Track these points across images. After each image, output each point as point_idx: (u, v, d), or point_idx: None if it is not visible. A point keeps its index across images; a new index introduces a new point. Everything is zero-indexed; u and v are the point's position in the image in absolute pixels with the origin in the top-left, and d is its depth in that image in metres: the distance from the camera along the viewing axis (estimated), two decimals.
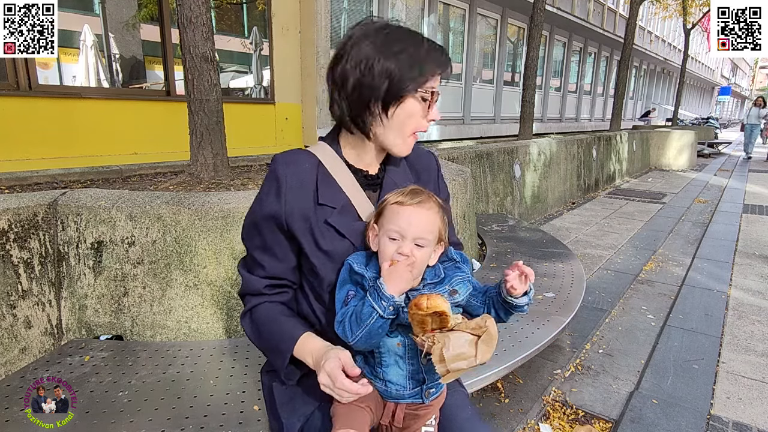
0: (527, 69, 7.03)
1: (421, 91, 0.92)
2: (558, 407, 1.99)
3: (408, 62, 0.90)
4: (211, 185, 2.50)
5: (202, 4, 2.53)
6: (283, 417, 0.99)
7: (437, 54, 0.93)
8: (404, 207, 0.90)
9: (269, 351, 0.99)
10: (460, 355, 0.78)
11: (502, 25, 11.48)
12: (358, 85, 0.91)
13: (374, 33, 0.92)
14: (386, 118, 0.93)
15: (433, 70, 0.92)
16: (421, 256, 0.90)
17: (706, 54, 30.55)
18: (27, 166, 3.76)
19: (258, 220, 0.97)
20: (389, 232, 0.90)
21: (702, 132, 13.89)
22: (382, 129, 0.95)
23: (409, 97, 0.92)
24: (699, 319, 2.82)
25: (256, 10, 6.31)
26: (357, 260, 0.94)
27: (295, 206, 0.94)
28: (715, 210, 6.04)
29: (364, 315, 0.85)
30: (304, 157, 0.98)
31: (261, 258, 0.99)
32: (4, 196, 1.70)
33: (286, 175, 0.94)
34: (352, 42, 0.92)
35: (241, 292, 1.06)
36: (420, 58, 0.91)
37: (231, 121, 3.05)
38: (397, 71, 0.90)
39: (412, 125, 0.96)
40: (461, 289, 0.94)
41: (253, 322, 1.01)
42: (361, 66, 0.90)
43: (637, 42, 16.39)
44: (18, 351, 1.62)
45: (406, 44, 0.91)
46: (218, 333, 1.84)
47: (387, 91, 0.91)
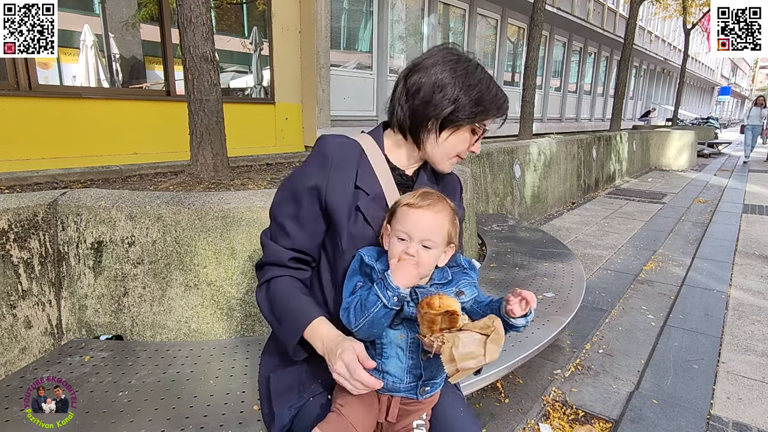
0: (527, 69, 7.02)
1: (476, 125, 1.03)
2: (558, 407, 1.99)
3: (476, 99, 0.99)
4: (211, 185, 2.50)
5: (202, 4, 2.53)
6: (276, 407, 1.01)
7: (501, 101, 1.03)
8: (413, 209, 0.93)
9: (280, 325, 1.00)
10: (469, 354, 0.80)
11: (502, 25, 11.48)
12: (427, 100, 0.99)
13: (456, 62, 1.00)
14: (438, 137, 1.02)
15: (494, 113, 1.03)
16: (427, 257, 0.92)
17: (706, 54, 30.54)
18: (27, 166, 3.76)
19: (298, 188, 1.00)
20: (398, 233, 0.93)
21: (702, 132, 13.87)
22: (432, 145, 1.04)
23: (464, 127, 1.02)
24: (699, 319, 2.82)
25: (256, 10, 6.31)
26: (368, 253, 0.97)
27: (337, 183, 0.99)
28: (715, 210, 6.04)
29: (369, 303, 0.88)
30: (351, 141, 1.04)
31: (291, 227, 1.01)
32: (4, 196, 1.70)
33: (333, 153, 1.00)
34: (433, 61, 1.00)
35: (261, 262, 1.05)
36: (487, 99, 1.00)
37: (231, 121, 3.05)
38: (464, 102, 0.98)
39: (457, 150, 1.05)
40: (468, 292, 0.96)
41: (269, 294, 1.02)
42: (436, 85, 0.98)
43: (637, 42, 16.39)
44: (18, 351, 1.62)
45: (480, 83, 1.00)
46: (218, 333, 1.84)
47: (448, 115, 0.99)
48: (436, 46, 1.05)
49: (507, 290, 2.36)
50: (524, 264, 2.72)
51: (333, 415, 0.92)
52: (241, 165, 4.22)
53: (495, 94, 1.01)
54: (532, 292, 0.89)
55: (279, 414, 1.00)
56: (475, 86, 0.99)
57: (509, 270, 2.63)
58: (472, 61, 1.02)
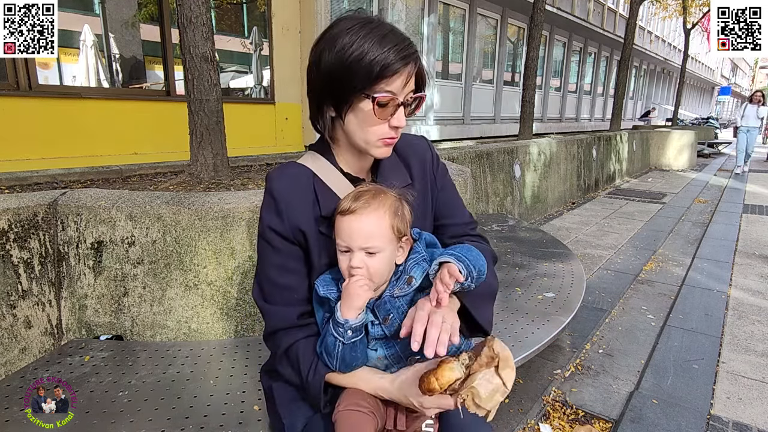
0: (527, 69, 7.03)
1: (375, 95, 0.82)
2: (558, 407, 1.99)
3: (351, 61, 0.79)
4: (211, 185, 2.50)
5: (202, 4, 2.53)
6: (285, 417, 0.98)
7: (391, 50, 0.79)
8: (345, 216, 0.85)
9: (309, 390, 0.92)
10: (491, 393, 0.77)
11: (502, 25, 11.48)
12: (311, 86, 0.87)
13: (331, 27, 0.83)
14: (342, 123, 0.87)
15: (381, 71, 0.79)
16: (376, 264, 0.85)
17: (706, 54, 30.54)
18: (27, 166, 3.76)
19: (268, 236, 0.91)
20: (339, 246, 0.86)
21: (702, 132, 13.84)
22: (343, 135, 0.90)
23: (357, 101, 0.83)
24: (699, 319, 2.82)
25: (256, 10, 6.32)
26: (324, 281, 0.90)
27: (297, 222, 0.89)
28: (715, 210, 6.04)
29: (329, 345, 0.85)
30: (298, 171, 0.93)
31: (283, 279, 0.91)
32: (4, 196, 1.70)
33: (281, 193, 0.90)
34: (321, 39, 0.85)
35: (269, 331, 0.94)
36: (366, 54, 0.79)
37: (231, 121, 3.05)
38: (339, 71, 0.80)
39: (371, 133, 0.86)
40: (416, 274, 0.89)
41: (292, 361, 0.92)
42: (314, 65, 0.84)
43: (637, 42, 16.39)
44: (18, 351, 1.62)
45: (357, 38, 0.79)
46: (218, 333, 1.84)
47: (332, 94, 0.84)
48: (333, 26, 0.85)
49: (507, 290, 2.36)
50: (524, 264, 2.72)
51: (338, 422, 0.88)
52: (241, 165, 4.22)
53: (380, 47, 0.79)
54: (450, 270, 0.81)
55: (289, 423, 0.97)
56: (349, 47, 0.79)
57: (509, 270, 2.63)
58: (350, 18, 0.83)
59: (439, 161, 1.09)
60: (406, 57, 0.82)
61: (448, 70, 10.03)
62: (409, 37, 0.84)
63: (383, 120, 0.85)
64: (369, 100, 0.82)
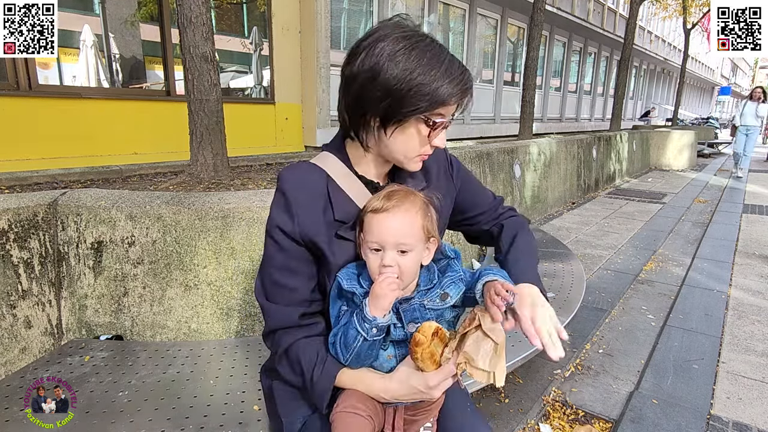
0: (527, 69, 7.03)
1: (433, 120, 0.83)
2: (558, 407, 1.99)
3: (416, 85, 0.79)
4: (211, 185, 2.50)
5: (202, 4, 2.53)
6: (284, 416, 0.99)
7: (455, 81, 0.81)
8: (378, 214, 0.84)
9: (314, 390, 0.90)
10: (486, 353, 0.79)
11: (502, 25, 11.48)
12: (359, 94, 0.83)
13: (394, 39, 0.80)
14: (382, 137, 0.86)
15: (444, 101, 0.81)
16: (407, 263, 0.85)
17: (706, 54, 30.54)
18: (27, 166, 3.76)
19: (276, 236, 0.90)
20: (369, 244, 0.85)
21: (702, 132, 13.84)
22: (380, 146, 0.88)
23: (411, 121, 0.83)
24: (699, 319, 2.82)
25: (256, 10, 6.32)
26: (347, 275, 0.90)
27: (309, 223, 0.88)
28: (715, 210, 6.04)
29: (349, 338, 0.84)
30: (311, 171, 0.91)
31: (287, 280, 0.90)
32: (4, 196, 1.70)
33: (294, 193, 0.89)
34: (370, 40, 0.82)
35: (268, 329, 0.93)
36: (431, 84, 0.79)
37: (231, 121, 3.05)
38: (402, 92, 0.79)
39: (411, 149, 0.87)
40: (452, 292, 0.90)
41: (290, 360, 0.92)
42: (369, 73, 0.80)
43: (637, 42, 16.40)
44: (18, 351, 1.62)
45: (422, 62, 0.79)
46: (218, 333, 1.84)
47: (387, 110, 0.82)
48: (382, 22, 0.84)
49: None
50: None
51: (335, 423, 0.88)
52: (241, 165, 4.23)
53: (444, 72, 0.80)
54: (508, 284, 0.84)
55: (287, 422, 0.98)
56: (416, 69, 0.78)
57: None
58: (414, 34, 0.81)
59: (454, 163, 1.09)
60: (468, 89, 0.85)
61: None
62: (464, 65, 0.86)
63: (429, 140, 0.88)
64: (424, 124, 0.84)
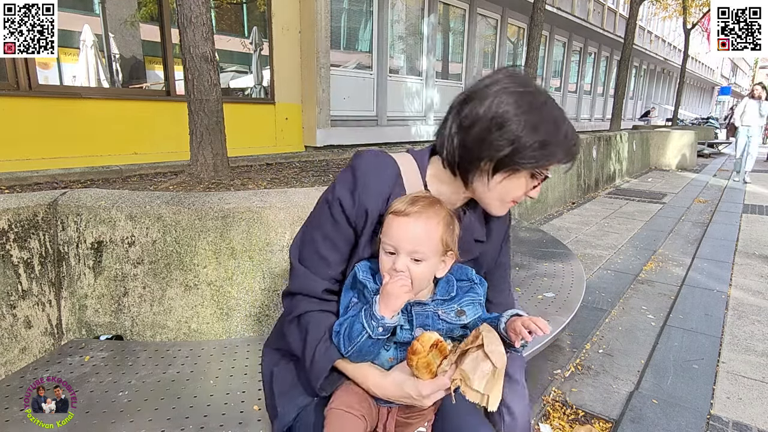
0: (527, 69, 7.02)
1: (544, 174, 0.89)
2: (558, 407, 1.99)
3: (541, 141, 0.83)
4: (211, 185, 2.50)
5: (202, 4, 2.53)
6: (280, 405, 1.00)
7: (571, 143, 0.87)
8: (399, 217, 0.85)
9: (312, 358, 0.91)
10: (482, 374, 0.78)
11: (502, 25, 11.48)
12: (481, 137, 0.84)
13: (521, 93, 0.85)
14: (490, 180, 0.88)
15: (560, 158, 0.87)
16: (419, 272, 0.85)
17: (706, 54, 30.54)
18: (27, 166, 3.76)
19: (333, 208, 0.91)
20: (384, 245, 0.86)
21: (702, 132, 13.83)
22: (483, 187, 0.90)
23: (522, 172, 0.87)
24: (699, 319, 2.82)
25: (256, 10, 6.32)
26: (364, 267, 0.90)
27: (365, 210, 0.90)
28: (715, 210, 6.04)
29: (354, 332, 0.84)
30: (387, 165, 0.94)
31: (326, 252, 0.92)
32: (4, 196, 1.70)
33: (364, 176, 0.91)
34: (496, 89, 0.85)
35: (292, 290, 0.95)
36: (553, 142, 0.85)
37: (231, 121, 3.05)
38: (525, 144, 0.83)
39: (512, 195, 0.91)
40: (469, 311, 0.90)
41: (301, 327, 0.94)
42: (494, 120, 0.83)
43: (637, 42, 16.39)
44: (18, 351, 1.62)
45: (547, 121, 0.84)
46: (218, 333, 1.84)
47: (505, 157, 0.84)
48: (498, 70, 0.89)
49: None
50: (524, 264, 2.72)
51: (327, 419, 0.89)
52: (241, 165, 4.23)
53: (565, 136, 0.86)
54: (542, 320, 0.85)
55: (282, 411, 0.99)
56: (541, 125, 0.83)
57: None
58: (539, 93, 0.87)
59: (509, 236, 1.11)
60: (577, 154, 0.90)
61: (448, 70, 10.03)
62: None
63: (529, 190, 0.92)
64: (532, 176, 0.89)
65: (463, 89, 0.93)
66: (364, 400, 0.90)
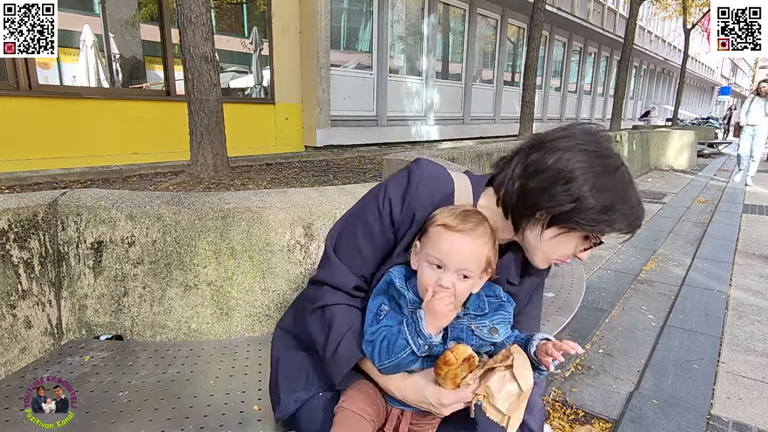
0: (527, 69, 7.03)
1: (599, 238, 0.87)
2: (558, 407, 1.99)
3: (605, 206, 0.81)
4: (211, 185, 2.50)
5: (202, 4, 2.53)
6: (282, 392, 1.00)
7: (635, 215, 0.84)
8: (451, 232, 0.82)
9: (335, 359, 0.90)
10: (507, 394, 0.78)
11: (502, 25, 11.48)
12: (544, 186, 0.83)
13: (595, 153, 0.83)
14: (543, 232, 0.86)
15: (621, 227, 0.84)
16: (463, 289, 0.84)
17: (706, 54, 30.55)
18: (27, 166, 3.77)
19: (382, 206, 0.91)
20: (430, 258, 0.83)
21: (702, 132, 13.82)
22: (533, 237, 0.87)
23: (578, 232, 0.85)
24: (699, 319, 2.82)
25: (256, 10, 6.32)
26: (399, 275, 0.88)
27: (411, 216, 0.89)
28: (715, 210, 6.04)
29: (396, 347, 0.81)
30: (444, 180, 0.93)
31: (364, 247, 0.91)
32: (4, 196, 1.70)
33: (419, 185, 0.90)
34: (567, 144, 0.84)
35: (322, 279, 0.94)
36: (618, 209, 0.82)
37: (231, 121, 3.05)
38: (589, 205, 0.81)
39: (559, 253, 0.89)
40: (501, 330, 0.89)
41: (325, 321, 0.92)
42: (561, 174, 0.82)
43: (637, 42, 16.39)
44: (18, 351, 1.62)
45: (615, 190, 0.82)
46: (218, 333, 1.84)
47: (564, 213, 0.82)
48: (574, 125, 0.88)
49: None
50: None
51: (337, 416, 0.89)
52: (241, 165, 4.23)
53: (631, 206, 0.83)
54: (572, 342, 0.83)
55: (284, 400, 0.99)
56: (609, 190, 0.81)
57: None
58: (613, 157, 0.84)
59: (542, 283, 1.09)
60: (639, 227, 0.87)
61: (448, 70, 10.03)
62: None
63: (578, 252, 0.90)
64: (586, 239, 0.87)
65: (463, 89, 0.92)
66: (374, 403, 0.90)
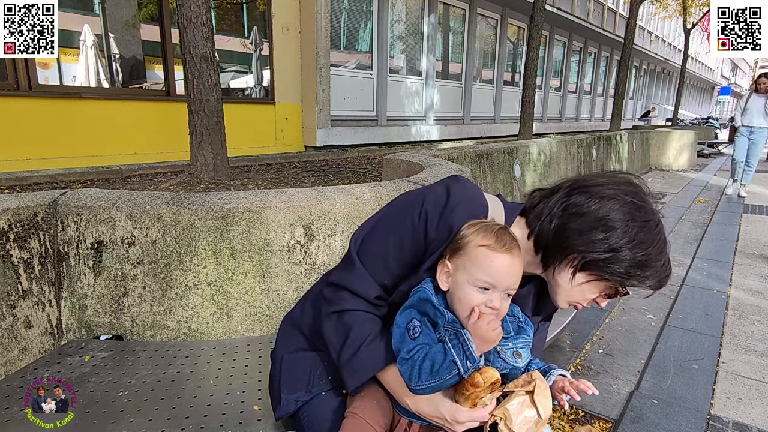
0: (527, 69, 7.03)
1: (626, 290, 0.87)
2: (558, 407, 1.99)
3: (640, 261, 0.82)
4: (211, 185, 2.50)
5: (202, 4, 2.53)
6: (283, 392, 1.01)
7: (664, 274, 0.85)
8: (496, 253, 0.81)
9: (352, 364, 0.88)
10: (525, 420, 0.78)
11: (502, 25, 11.48)
12: (582, 230, 0.83)
13: (638, 208, 0.84)
14: (570, 275, 0.86)
15: (649, 283, 0.85)
16: (505, 308, 0.84)
17: (706, 54, 30.55)
18: (27, 166, 3.76)
19: (416, 219, 0.88)
20: (478, 282, 0.81)
21: (702, 132, 13.82)
22: (562, 279, 0.88)
23: (606, 284, 0.86)
24: (699, 319, 2.82)
25: (256, 10, 6.32)
26: (432, 291, 0.86)
27: (449, 226, 0.87)
28: (715, 210, 6.04)
29: (443, 369, 0.78)
30: (480, 200, 0.92)
31: (391, 256, 0.89)
32: (4, 196, 1.70)
33: (455, 201, 0.88)
34: (612, 192, 0.84)
35: (343, 284, 0.91)
36: (651, 266, 0.83)
37: (231, 121, 3.05)
38: (624, 258, 0.81)
39: (583, 297, 0.89)
40: (524, 354, 0.88)
41: (342, 325, 0.90)
42: (602, 221, 0.82)
43: (637, 42, 16.40)
44: (18, 351, 1.62)
45: (653, 245, 0.82)
46: (218, 333, 1.84)
47: (597, 261, 0.83)
48: (621, 175, 0.89)
49: None
50: None
51: (348, 420, 0.89)
52: (241, 165, 4.23)
53: (662, 265, 0.84)
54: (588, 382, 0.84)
55: (285, 400, 0.99)
56: (646, 246, 0.82)
57: None
58: (653, 213, 0.85)
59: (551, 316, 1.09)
60: (664, 285, 0.87)
61: (448, 70, 10.03)
62: None
63: (600, 298, 0.90)
64: (612, 289, 0.88)
65: (463, 89, 0.92)
66: (387, 414, 0.90)
